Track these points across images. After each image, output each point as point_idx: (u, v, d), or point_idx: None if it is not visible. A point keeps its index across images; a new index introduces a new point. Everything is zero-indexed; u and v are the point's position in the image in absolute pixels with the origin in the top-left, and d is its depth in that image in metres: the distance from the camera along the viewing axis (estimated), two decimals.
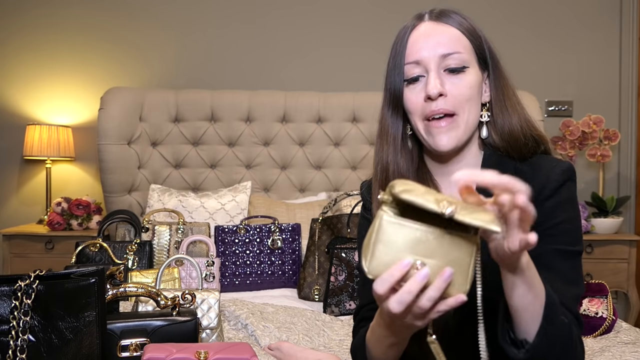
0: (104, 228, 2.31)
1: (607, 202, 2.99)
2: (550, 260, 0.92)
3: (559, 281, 0.89)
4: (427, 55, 0.96)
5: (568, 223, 0.95)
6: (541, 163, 0.99)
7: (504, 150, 1.00)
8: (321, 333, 1.78)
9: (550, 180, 0.95)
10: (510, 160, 1.00)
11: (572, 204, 0.97)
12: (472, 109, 0.97)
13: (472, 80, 0.96)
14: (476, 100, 0.98)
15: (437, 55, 0.95)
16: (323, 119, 3.01)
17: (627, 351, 1.57)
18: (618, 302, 3.15)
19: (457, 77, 0.96)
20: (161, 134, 2.96)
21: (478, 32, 1.00)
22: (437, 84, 0.94)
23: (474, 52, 0.98)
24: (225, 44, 3.31)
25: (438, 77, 0.94)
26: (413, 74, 0.97)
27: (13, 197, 3.33)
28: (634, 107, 3.31)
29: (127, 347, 1.15)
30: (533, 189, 0.86)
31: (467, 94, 0.95)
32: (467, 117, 0.96)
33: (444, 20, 0.98)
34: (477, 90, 0.97)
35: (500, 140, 1.00)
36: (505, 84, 1.01)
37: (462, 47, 0.96)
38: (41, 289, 0.95)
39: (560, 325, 0.81)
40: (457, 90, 0.95)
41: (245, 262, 2.37)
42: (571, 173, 0.97)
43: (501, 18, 3.29)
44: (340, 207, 2.48)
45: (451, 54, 0.95)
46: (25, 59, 3.31)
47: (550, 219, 0.94)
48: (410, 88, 0.98)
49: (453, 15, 0.98)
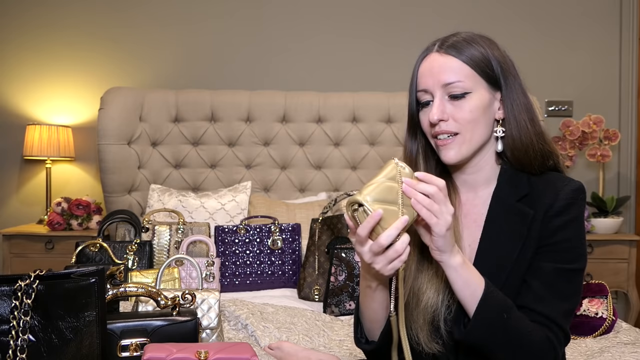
0: (104, 228, 2.31)
1: (607, 202, 2.99)
2: (549, 277, 1.02)
3: (554, 297, 1.01)
4: (431, 84, 1.06)
5: (572, 241, 1.03)
6: (553, 180, 1.06)
7: (514, 163, 1.08)
8: (321, 333, 1.78)
9: (560, 198, 1.03)
10: (524, 175, 1.08)
11: (579, 222, 1.05)
12: (476, 128, 1.06)
13: (475, 104, 1.05)
14: (482, 120, 1.06)
15: (440, 84, 1.05)
16: (323, 119, 3.01)
17: (627, 351, 1.57)
18: (618, 302, 3.16)
19: (459, 102, 1.04)
20: (161, 134, 2.96)
21: (487, 58, 1.06)
22: (437, 112, 1.04)
23: (480, 77, 1.05)
24: (225, 43, 3.31)
25: (441, 104, 1.05)
26: (424, 99, 1.08)
27: (13, 197, 3.32)
28: (634, 107, 3.31)
29: (127, 347, 1.15)
30: (543, 205, 1.03)
31: (468, 117, 1.04)
32: (470, 136, 1.05)
33: (449, 52, 1.06)
34: (482, 111, 1.06)
35: (511, 154, 1.08)
36: (517, 101, 1.07)
37: (463, 76, 1.04)
38: (41, 289, 0.95)
39: (499, 318, 0.96)
40: (459, 114, 1.04)
41: (245, 262, 2.37)
42: (581, 192, 1.05)
43: (501, 18, 3.29)
44: (340, 207, 2.48)
45: (453, 82, 1.04)
46: (25, 59, 3.31)
47: (555, 236, 1.03)
48: (424, 111, 1.09)
49: (458, 45, 1.06)
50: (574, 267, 1.03)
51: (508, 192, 1.07)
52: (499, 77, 1.06)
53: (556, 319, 1.00)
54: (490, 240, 1.06)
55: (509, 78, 1.07)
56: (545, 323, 1.00)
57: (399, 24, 3.28)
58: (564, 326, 1.01)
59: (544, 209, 1.03)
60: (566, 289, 1.02)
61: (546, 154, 1.08)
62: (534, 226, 1.03)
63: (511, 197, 1.06)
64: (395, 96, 2.99)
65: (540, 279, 1.01)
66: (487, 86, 1.06)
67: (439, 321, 1.04)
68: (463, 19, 3.24)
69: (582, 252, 1.04)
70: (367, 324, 1.10)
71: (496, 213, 1.07)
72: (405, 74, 1.22)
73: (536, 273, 1.02)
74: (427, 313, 1.05)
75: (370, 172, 3.02)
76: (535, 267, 1.02)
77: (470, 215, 1.11)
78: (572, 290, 1.03)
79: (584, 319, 1.86)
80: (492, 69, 1.06)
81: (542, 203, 1.03)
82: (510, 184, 1.07)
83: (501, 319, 0.96)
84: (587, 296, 1.93)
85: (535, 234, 1.03)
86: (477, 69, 1.05)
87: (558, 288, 1.01)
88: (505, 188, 1.07)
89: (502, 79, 1.06)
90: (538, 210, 1.03)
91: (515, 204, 1.05)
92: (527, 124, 1.06)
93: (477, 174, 1.11)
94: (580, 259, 1.04)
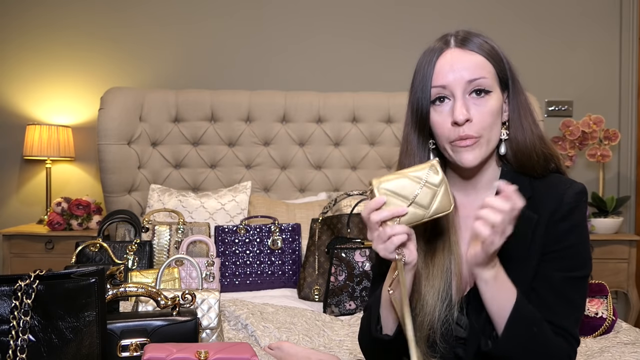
0: (104, 228, 2.31)
1: (607, 202, 2.99)
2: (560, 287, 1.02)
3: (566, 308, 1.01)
4: (453, 80, 1.01)
5: (579, 247, 1.03)
6: (555, 183, 1.05)
7: (517, 166, 1.06)
8: (321, 333, 1.78)
9: (564, 202, 1.02)
10: (525, 178, 1.06)
11: (584, 226, 1.04)
12: (493, 130, 1.03)
13: (494, 105, 1.02)
14: (497, 123, 1.04)
15: (464, 80, 1.01)
16: (323, 119, 3.01)
17: (627, 351, 1.57)
18: (618, 302, 3.16)
19: (481, 101, 1.01)
20: (161, 134, 2.96)
21: (500, 55, 1.05)
22: (464, 111, 0.99)
23: (497, 75, 1.04)
24: (225, 44, 3.31)
25: (464, 104, 1.00)
26: (439, 94, 1.02)
27: (13, 197, 3.33)
28: (634, 107, 3.31)
29: (127, 347, 1.15)
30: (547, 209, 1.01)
31: (489, 120, 1.01)
32: (489, 138, 1.03)
33: (469, 46, 1.03)
34: (498, 113, 1.04)
35: (513, 157, 1.06)
36: (522, 104, 1.06)
37: (486, 72, 1.02)
38: (41, 289, 0.95)
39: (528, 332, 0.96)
40: (480, 116, 1.01)
41: (245, 262, 2.37)
42: (583, 195, 1.04)
43: (501, 18, 3.29)
44: (340, 207, 2.48)
45: (477, 79, 1.01)
46: (25, 59, 3.31)
47: (562, 241, 1.02)
48: (437, 109, 1.03)
49: (475, 40, 1.03)
50: (582, 274, 1.03)
51: None
52: (508, 77, 1.05)
53: (570, 329, 1.00)
54: None
55: (516, 81, 1.06)
56: (561, 334, 1.00)
57: (399, 24, 3.28)
58: (576, 334, 1.02)
59: (548, 213, 1.02)
60: (576, 298, 1.02)
61: (548, 157, 1.07)
62: (538, 230, 1.02)
63: None
64: (395, 96, 2.99)
65: (552, 290, 1.01)
66: (499, 88, 1.04)
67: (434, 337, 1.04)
68: (463, 19, 3.23)
69: (587, 258, 1.04)
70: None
71: None
72: (405, 74, 1.20)
73: (547, 283, 1.01)
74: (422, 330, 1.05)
75: (370, 172, 3.02)
76: (545, 276, 1.02)
77: (471, 217, 1.07)
78: (581, 298, 1.04)
79: (584, 319, 1.86)
80: (504, 68, 1.04)
81: (545, 207, 1.02)
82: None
83: (530, 333, 0.96)
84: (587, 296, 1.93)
85: (539, 238, 1.02)
86: (496, 68, 1.03)
87: (569, 298, 1.01)
88: None
89: (510, 79, 1.05)
90: (542, 215, 1.02)
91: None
92: (531, 126, 1.05)
93: (480, 175, 1.09)
94: (587, 264, 1.04)
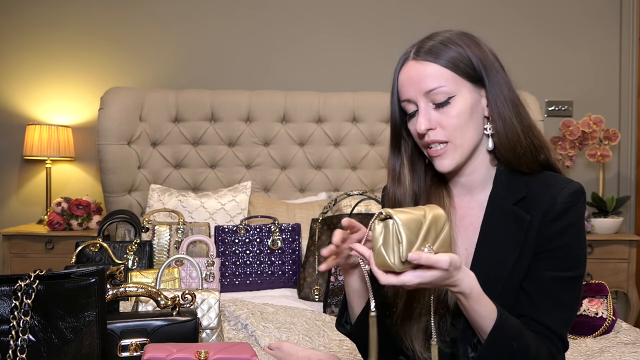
0: (104, 228, 2.31)
1: (607, 202, 2.99)
2: (549, 286, 1.00)
3: (554, 307, 0.99)
4: (413, 93, 1.03)
5: (571, 247, 1.00)
6: (550, 182, 1.03)
7: (506, 162, 1.05)
8: (321, 333, 1.78)
9: (557, 202, 1.00)
10: (521, 177, 1.05)
11: (578, 227, 1.01)
12: (465, 132, 1.03)
13: (460, 107, 1.02)
14: (470, 123, 1.03)
15: (422, 92, 1.02)
16: (323, 119, 3.01)
17: (627, 351, 1.57)
18: (618, 302, 3.16)
19: (444, 108, 1.01)
20: (161, 134, 2.96)
21: (464, 54, 1.02)
22: (424, 121, 1.02)
23: (462, 76, 1.02)
24: (225, 43, 3.31)
25: (426, 113, 1.02)
26: (410, 109, 1.06)
27: (13, 197, 3.32)
28: (634, 107, 3.31)
29: (127, 347, 1.15)
30: (540, 209, 0.99)
31: (455, 123, 1.01)
32: (461, 141, 1.03)
33: (425, 58, 1.02)
34: (469, 113, 1.02)
35: (500, 151, 1.04)
36: (500, 95, 1.03)
37: (444, 80, 1.01)
38: (41, 289, 0.95)
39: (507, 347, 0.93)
40: (446, 121, 1.02)
41: (245, 262, 2.37)
42: (580, 195, 1.01)
43: (501, 18, 3.29)
44: (340, 207, 2.48)
45: (434, 89, 1.01)
46: (25, 59, 3.31)
47: (554, 241, 1.00)
48: (411, 120, 1.07)
49: (435, 50, 1.02)
50: (574, 274, 1.00)
51: (504, 195, 1.04)
52: (482, 74, 1.03)
53: (556, 330, 0.99)
54: (487, 245, 1.03)
55: (491, 73, 1.03)
56: (546, 333, 0.98)
57: (399, 24, 3.28)
58: (563, 335, 1.00)
59: (540, 213, 1.00)
60: (566, 298, 1.00)
61: (536, 148, 1.04)
62: (531, 232, 1.00)
63: (507, 200, 1.03)
64: None
65: (540, 289, 0.99)
66: (470, 86, 1.03)
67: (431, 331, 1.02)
68: (463, 19, 3.24)
69: (581, 258, 1.01)
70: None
71: (493, 217, 1.04)
72: None
73: (536, 282, 1.00)
74: (420, 322, 1.04)
75: (370, 172, 3.02)
76: (535, 275, 1.00)
77: (466, 218, 1.08)
78: (571, 299, 1.01)
79: (584, 319, 1.86)
80: (472, 68, 1.02)
81: (539, 207, 1.00)
82: (506, 186, 1.04)
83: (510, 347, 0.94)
84: (587, 296, 1.93)
85: (532, 239, 1.00)
86: (457, 70, 1.01)
87: (558, 298, 0.99)
88: (501, 191, 1.04)
89: (485, 75, 1.03)
90: (535, 215, 1.00)
91: (512, 207, 1.02)
92: (513, 119, 1.03)
93: (472, 175, 1.08)
94: (580, 265, 1.01)
